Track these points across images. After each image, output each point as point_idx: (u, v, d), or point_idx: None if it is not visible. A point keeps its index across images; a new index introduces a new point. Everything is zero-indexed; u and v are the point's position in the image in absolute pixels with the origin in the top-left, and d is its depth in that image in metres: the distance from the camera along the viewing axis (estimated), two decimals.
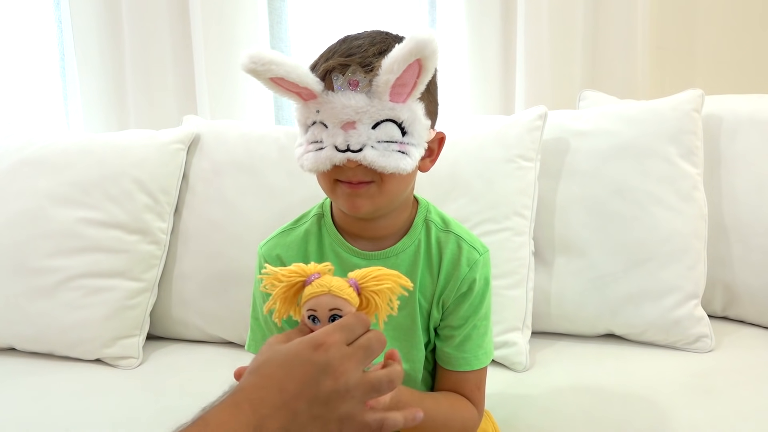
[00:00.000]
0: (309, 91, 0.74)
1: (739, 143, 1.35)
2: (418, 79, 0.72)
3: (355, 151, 0.74)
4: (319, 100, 0.74)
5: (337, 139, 0.74)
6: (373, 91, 0.73)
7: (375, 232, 0.86)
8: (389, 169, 0.75)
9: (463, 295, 0.86)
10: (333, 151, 0.74)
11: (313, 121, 0.76)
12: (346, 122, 0.73)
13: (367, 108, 0.73)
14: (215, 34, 1.69)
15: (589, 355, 1.24)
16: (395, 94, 0.73)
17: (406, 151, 0.75)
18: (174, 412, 1.04)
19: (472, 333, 0.87)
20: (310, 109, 0.76)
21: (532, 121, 1.29)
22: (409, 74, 0.71)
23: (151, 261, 1.34)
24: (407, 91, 0.74)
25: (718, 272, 1.34)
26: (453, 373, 0.88)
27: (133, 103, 1.76)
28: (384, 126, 0.74)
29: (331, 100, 0.73)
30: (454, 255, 0.86)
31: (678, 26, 1.70)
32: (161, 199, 1.35)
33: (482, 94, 1.71)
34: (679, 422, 0.97)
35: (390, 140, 0.74)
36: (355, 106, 0.73)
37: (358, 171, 0.76)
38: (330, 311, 0.63)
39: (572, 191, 1.32)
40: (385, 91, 0.72)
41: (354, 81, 0.73)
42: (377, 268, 0.67)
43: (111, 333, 1.28)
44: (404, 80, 0.72)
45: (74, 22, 1.74)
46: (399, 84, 0.72)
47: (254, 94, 1.75)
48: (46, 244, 1.31)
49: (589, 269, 1.29)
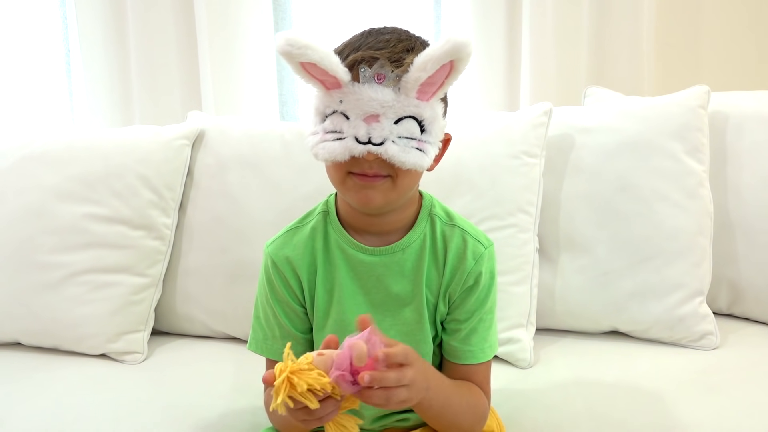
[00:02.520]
0: (335, 80, 0.74)
1: (745, 140, 1.34)
2: (446, 79, 0.74)
3: (376, 144, 0.74)
4: (344, 90, 0.74)
5: (359, 131, 0.74)
6: (401, 86, 0.73)
7: (381, 228, 0.86)
8: (408, 165, 0.75)
9: (469, 288, 0.86)
10: (353, 142, 0.74)
11: (333, 110, 0.76)
12: (370, 115, 0.74)
13: (393, 103, 0.73)
14: (220, 30, 1.69)
15: (594, 352, 1.24)
16: (422, 92, 0.74)
17: (424, 149, 0.76)
18: (178, 407, 1.06)
19: (478, 326, 0.87)
20: (332, 97, 0.75)
21: (537, 117, 1.29)
22: (440, 74, 0.73)
23: (156, 256, 1.34)
24: (433, 90, 0.75)
25: (723, 269, 1.34)
26: (460, 366, 0.88)
27: (137, 99, 1.77)
28: (406, 122, 0.75)
29: (357, 92, 0.74)
30: (460, 248, 0.86)
31: (684, 22, 1.69)
32: (166, 194, 1.35)
33: (487, 90, 1.71)
34: (684, 419, 0.97)
35: (410, 137, 0.75)
36: (381, 100, 0.73)
37: (375, 164, 0.76)
38: None
39: (577, 188, 1.32)
40: (414, 88, 0.73)
41: (381, 75, 0.73)
42: None
43: (116, 328, 1.28)
44: (434, 79, 0.73)
45: (79, 18, 1.74)
46: (428, 83, 0.73)
47: (259, 90, 1.75)
48: (51, 239, 1.31)
49: (593, 266, 1.29)
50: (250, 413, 1.03)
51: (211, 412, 1.05)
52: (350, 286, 0.87)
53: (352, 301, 0.87)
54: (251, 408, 1.04)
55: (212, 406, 1.07)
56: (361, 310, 0.86)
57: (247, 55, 1.73)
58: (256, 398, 0.99)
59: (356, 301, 0.87)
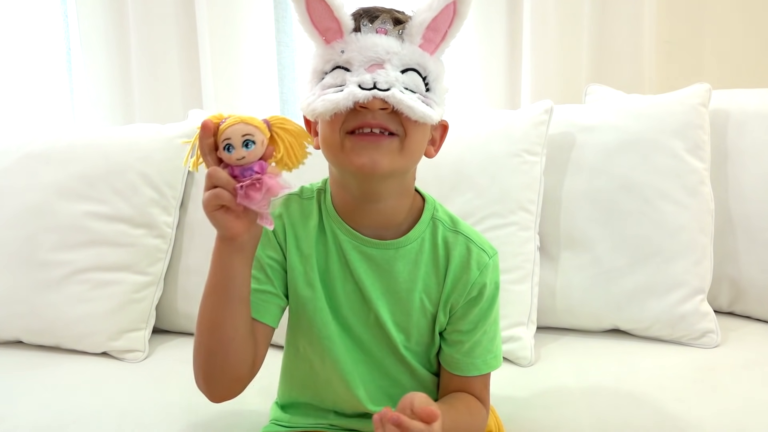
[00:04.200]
0: (336, 29, 0.72)
1: (746, 138, 1.34)
2: (450, 27, 0.73)
3: (382, 90, 0.70)
4: (346, 40, 0.72)
5: (363, 77, 0.70)
6: (405, 34, 0.72)
7: (375, 218, 0.81)
8: (417, 113, 0.71)
9: (473, 299, 0.83)
10: (356, 88, 0.70)
11: (333, 65, 0.73)
12: (374, 63, 0.71)
13: (398, 50, 0.72)
14: (221, 28, 1.70)
15: (595, 351, 1.24)
16: (427, 39, 0.73)
17: (430, 105, 0.74)
18: (179, 406, 1.06)
19: (482, 339, 0.84)
20: (333, 49, 0.73)
21: (538, 115, 1.29)
22: (443, 18, 0.72)
23: (157, 255, 1.34)
24: (438, 40, 0.74)
25: (724, 267, 1.34)
26: (461, 377, 0.85)
27: (138, 98, 1.77)
28: (411, 74, 0.72)
29: (360, 39, 0.71)
30: (463, 257, 0.82)
31: (685, 20, 1.68)
32: (167, 193, 1.36)
33: (488, 88, 1.71)
34: (685, 417, 0.97)
35: (415, 90, 0.73)
36: (386, 46, 0.71)
37: (380, 115, 0.72)
38: (243, 137, 0.67)
39: (578, 186, 1.32)
40: (419, 32, 0.72)
41: (382, 29, 0.72)
42: (283, 117, 0.72)
43: (117, 326, 1.28)
44: (437, 24, 0.72)
45: (80, 16, 1.75)
46: (432, 27, 0.72)
47: (259, 89, 1.75)
48: (52, 237, 1.31)
49: (594, 264, 1.29)
50: (250, 412, 1.03)
51: (211, 410, 1.04)
52: (338, 272, 0.82)
53: (342, 287, 0.83)
54: (252, 406, 1.04)
55: (213, 404, 1.06)
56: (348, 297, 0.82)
57: (247, 53, 1.73)
58: (256, 397, 0.99)
59: (346, 288, 0.83)
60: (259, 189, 0.67)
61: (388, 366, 0.86)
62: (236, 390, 0.79)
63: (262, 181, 0.67)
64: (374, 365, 0.86)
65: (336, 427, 0.90)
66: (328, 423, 0.90)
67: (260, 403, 1.02)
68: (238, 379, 0.78)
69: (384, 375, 0.86)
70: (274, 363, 0.92)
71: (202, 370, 0.78)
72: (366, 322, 0.84)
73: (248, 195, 0.67)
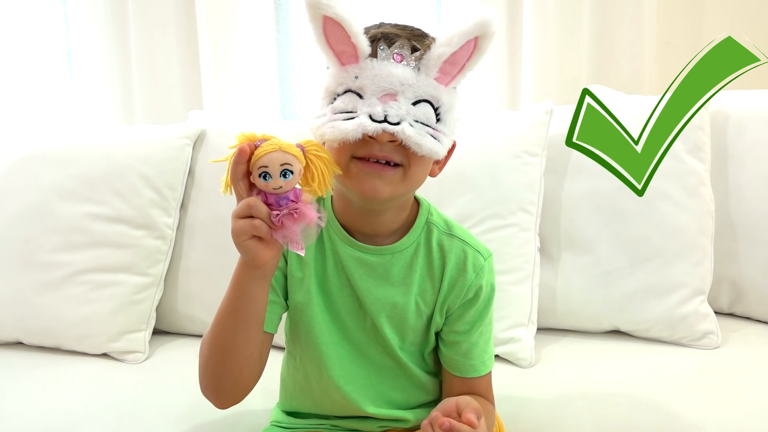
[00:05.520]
0: (353, 52, 0.71)
1: (746, 139, 1.34)
2: (469, 60, 0.72)
3: (393, 124, 0.70)
4: (361, 65, 0.71)
5: (374, 108, 0.70)
6: (422, 65, 0.71)
7: (376, 228, 0.82)
8: (424, 149, 0.71)
9: (469, 301, 0.84)
10: (367, 119, 0.70)
11: (346, 89, 0.72)
12: (387, 93, 0.70)
13: (413, 81, 0.71)
14: (221, 29, 1.70)
15: (595, 352, 1.24)
16: (443, 72, 0.72)
17: (439, 139, 0.73)
18: (180, 407, 1.06)
19: (479, 340, 0.86)
20: (348, 73, 0.72)
21: (539, 116, 1.29)
22: (463, 52, 0.71)
23: (157, 256, 1.34)
24: (455, 72, 0.73)
25: (724, 269, 1.34)
26: (464, 379, 0.86)
27: (139, 99, 1.77)
28: (423, 106, 0.72)
29: (376, 67, 0.70)
30: (460, 260, 0.83)
31: (685, 21, 1.68)
32: (167, 194, 1.36)
33: (488, 89, 1.71)
34: (685, 419, 0.97)
35: (426, 123, 0.72)
36: (401, 77, 0.70)
37: (387, 148, 0.72)
38: (281, 166, 0.65)
39: (578, 187, 1.32)
40: (436, 65, 0.71)
41: (400, 54, 0.71)
42: (316, 142, 0.70)
43: (117, 327, 1.28)
44: (456, 58, 0.71)
45: (81, 17, 1.74)
46: (450, 61, 0.71)
47: (260, 90, 1.75)
48: (52, 238, 1.31)
49: (595, 265, 1.29)
50: (251, 413, 1.03)
51: (212, 411, 1.04)
52: (335, 278, 0.83)
53: (339, 293, 0.84)
54: (252, 407, 1.04)
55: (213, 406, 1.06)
56: (346, 302, 0.84)
57: (248, 54, 1.73)
58: (257, 398, 0.99)
59: (343, 294, 0.84)
60: (296, 219, 0.66)
61: (384, 368, 0.87)
62: (242, 397, 0.81)
63: (300, 211, 0.66)
64: (371, 367, 0.87)
65: (338, 427, 0.90)
66: (330, 424, 0.91)
67: (261, 405, 1.02)
68: (245, 389, 0.80)
69: (380, 376, 0.87)
70: (275, 364, 0.92)
71: (211, 385, 0.79)
72: (363, 326, 0.85)
73: (283, 224, 0.67)
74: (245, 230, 0.67)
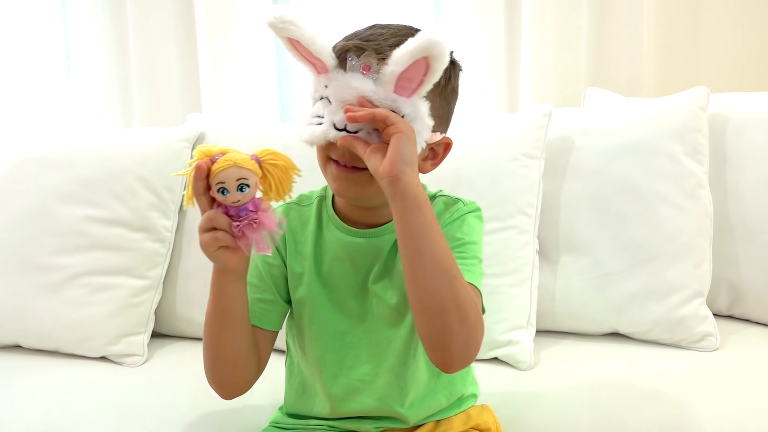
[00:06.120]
0: (322, 64, 0.75)
1: (744, 141, 1.34)
2: (424, 77, 0.72)
3: (351, 132, 0.74)
4: (330, 76, 0.75)
5: (336, 116, 0.74)
6: (379, 78, 0.73)
7: (375, 220, 0.86)
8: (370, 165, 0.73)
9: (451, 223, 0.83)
10: (330, 127, 0.75)
11: (321, 95, 0.76)
12: (349, 103, 0.73)
13: (371, 94, 0.73)
14: (220, 32, 1.70)
15: (594, 354, 1.24)
16: (400, 87, 0.73)
17: None
18: (179, 410, 1.06)
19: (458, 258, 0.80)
20: (320, 82, 0.76)
21: (537, 119, 1.29)
22: (416, 70, 0.72)
23: (156, 259, 1.34)
24: (413, 87, 0.73)
25: (723, 271, 1.34)
26: None
27: (137, 101, 1.77)
28: None
29: (341, 78, 0.74)
30: (440, 212, 0.85)
31: (683, 23, 1.69)
32: (166, 197, 1.35)
33: (487, 92, 1.71)
34: (684, 421, 0.97)
35: None
36: (360, 89, 0.73)
37: (348, 155, 0.77)
38: (237, 181, 0.69)
39: (577, 189, 1.32)
40: (391, 81, 0.73)
41: (367, 65, 0.74)
42: (272, 150, 0.74)
43: (116, 330, 1.28)
44: (410, 75, 0.72)
45: (79, 20, 1.75)
46: (405, 77, 0.72)
47: (259, 93, 1.75)
48: (51, 241, 1.31)
49: (593, 268, 1.29)
50: (250, 415, 1.03)
51: (211, 414, 1.05)
52: (338, 267, 0.86)
53: (341, 282, 0.86)
54: (251, 410, 1.04)
55: (212, 408, 1.06)
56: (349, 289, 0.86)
57: (247, 57, 1.73)
58: (255, 400, 0.99)
59: (346, 282, 0.86)
60: (256, 228, 0.70)
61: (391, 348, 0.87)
62: (244, 389, 0.86)
63: (258, 220, 0.70)
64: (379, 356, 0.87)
65: (336, 428, 0.91)
66: (327, 425, 0.91)
67: (260, 406, 1.02)
68: (244, 381, 0.85)
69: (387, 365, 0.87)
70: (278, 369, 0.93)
71: (211, 376, 0.85)
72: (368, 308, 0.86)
73: (244, 234, 0.71)
74: (211, 243, 0.73)
